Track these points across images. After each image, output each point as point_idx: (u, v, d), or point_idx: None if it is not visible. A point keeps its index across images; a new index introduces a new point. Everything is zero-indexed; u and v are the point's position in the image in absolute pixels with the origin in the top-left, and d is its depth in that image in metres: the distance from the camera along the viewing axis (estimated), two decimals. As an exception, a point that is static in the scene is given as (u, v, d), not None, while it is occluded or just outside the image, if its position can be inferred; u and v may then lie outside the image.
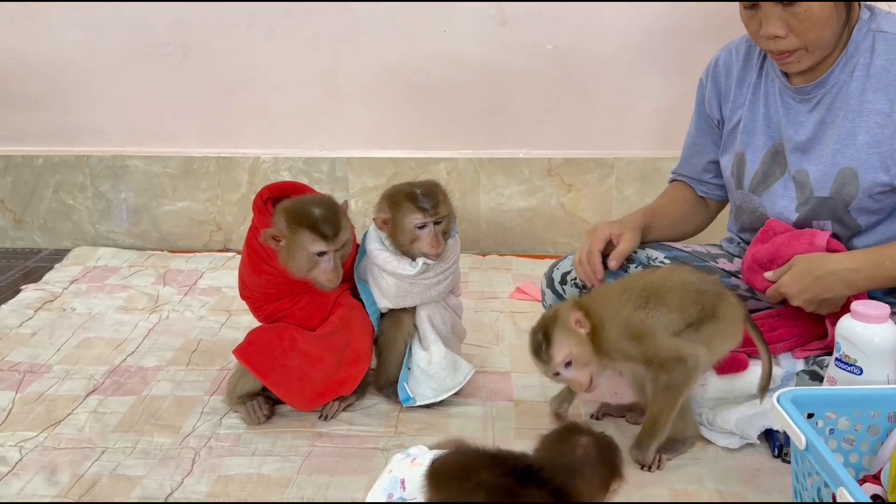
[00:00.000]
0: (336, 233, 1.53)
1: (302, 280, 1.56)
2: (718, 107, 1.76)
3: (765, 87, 1.67)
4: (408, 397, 1.63)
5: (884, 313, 1.35)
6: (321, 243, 1.52)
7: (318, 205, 1.55)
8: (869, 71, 1.54)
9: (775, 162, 1.66)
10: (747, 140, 1.70)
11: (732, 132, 1.73)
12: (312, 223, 1.51)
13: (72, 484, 1.43)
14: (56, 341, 1.99)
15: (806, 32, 1.48)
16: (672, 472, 1.43)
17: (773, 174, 1.66)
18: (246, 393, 1.62)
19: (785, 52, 1.52)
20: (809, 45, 1.50)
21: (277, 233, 1.52)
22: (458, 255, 1.67)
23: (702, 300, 1.43)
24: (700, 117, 1.81)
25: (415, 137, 2.61)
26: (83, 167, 2.69)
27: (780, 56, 1.54)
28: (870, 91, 1.54)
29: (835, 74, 1.56)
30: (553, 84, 2.52)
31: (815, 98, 1.59)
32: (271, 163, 2.64)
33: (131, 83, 2.62)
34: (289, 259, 1.53)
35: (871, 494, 1.23)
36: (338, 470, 1.46)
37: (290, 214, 1.53)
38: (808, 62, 1.54)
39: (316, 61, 2.55)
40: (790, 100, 1.63)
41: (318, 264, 1.53)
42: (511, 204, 2.61)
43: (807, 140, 1.60)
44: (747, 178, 1.70)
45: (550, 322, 1.43)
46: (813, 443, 1.14)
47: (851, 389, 1.32)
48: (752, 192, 1.69)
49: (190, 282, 2.38)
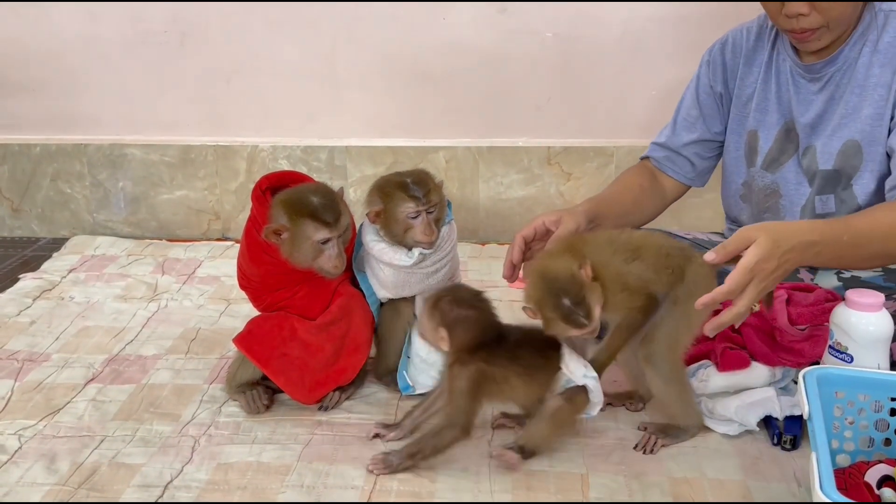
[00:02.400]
0: (337, 218, 1.53)
1: (303, 270, 1.56)
2: (724, 81, 1.77)
3: (776, 65, 1.69)
4: (407, 386, 1.63)
5: (877, 301, 1.35)
6: (324, 230, 1.51)
7: (315, 193, 1.54)
8: (877, 46, 1.56)
9: (788, 139, 1.68)
10: (760, 118, 1.71)
11: (743, 109, 1.75)
12: (313, 212, 1.51)
13: (71, 472, 1.43)
14: (55, 330, 1.99)
15: (829, 9, 1.50)
16: (671, 459, 1.43)
17: (787, 151, 1.68)
18: (245, 381, 1.62)
19: (808, 30, 1.53)
20: (831, 23, 1.52)
21: (279, 227, 1.51)
22: (454, 242, 1.66)
23: (671, 264, 1.42)
24: (701, 91, 1.81)
25: (414, 126, 2.61)
26: (81, 155, 2.68)
27: (803, 34, 1.55)
28: (876, 65, 1.56)
29: (845, 52, 1.59)
30: (552, 72, 2.51)
31: (825, 76, 1.61)
32: (269, 151, 2.64)
33: (129, 71, 2.61)
34: (293, 250, 1.52)
35: (882, 475, 1.24)
36: (337, 458, 1.46)
37: (290, 206, 1.52)
38: (828, 39, 1.56)
39: (314, 49, 2.54)
40: (801, 79, 1.65)
41: (323, 252, 1.53)
42: (510, 192, 2.61)
43: (816, 117, 1.63)
44: (760, 154, 1.72)
45: (567, 282, 1.35)
46: (812, 413, 1.17)
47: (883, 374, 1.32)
48: (765, 168, 1.71)
49: (188, 270, 2.37)
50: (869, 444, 1.31)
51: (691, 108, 1.83)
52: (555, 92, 2.53)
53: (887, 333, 1.36)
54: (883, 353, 1.36)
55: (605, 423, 1.55)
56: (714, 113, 1.81)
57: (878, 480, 1.24)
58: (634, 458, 1.44)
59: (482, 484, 1.38)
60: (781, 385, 1.54)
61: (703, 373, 1.55)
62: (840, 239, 1.38)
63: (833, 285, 1.66)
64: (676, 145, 1.84)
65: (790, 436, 1.44)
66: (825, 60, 1.61)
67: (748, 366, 1.53)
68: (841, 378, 1.30)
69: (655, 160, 1.87)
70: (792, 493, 1.34)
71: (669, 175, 1.86)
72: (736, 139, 1.78)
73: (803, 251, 1.34)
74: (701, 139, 1.82)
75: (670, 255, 1.43)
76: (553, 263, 1.38)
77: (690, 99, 1.83)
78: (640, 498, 1.34)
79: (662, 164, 1.86)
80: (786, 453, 1.44)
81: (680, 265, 1.42)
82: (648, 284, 1.40)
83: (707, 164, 1.87)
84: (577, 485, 1.37)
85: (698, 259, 1.42)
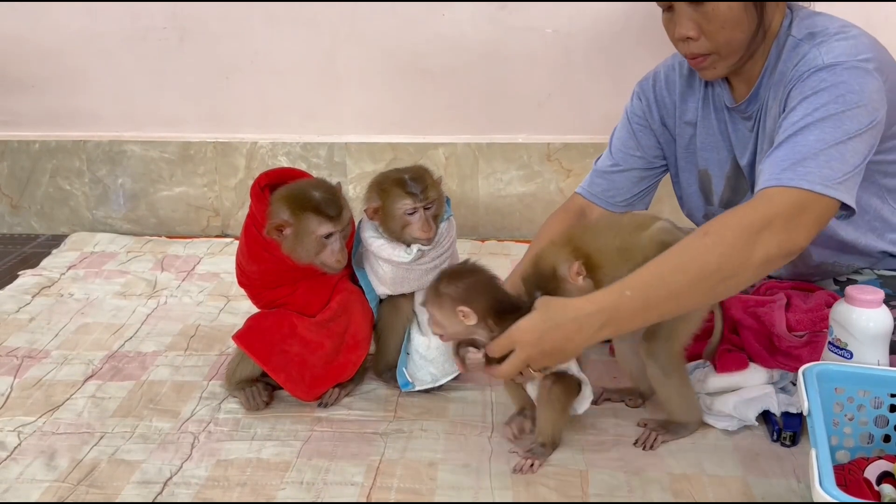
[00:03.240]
0: (340, 212, 1.53)
1: (304, 267, 1.56)
2: (660, 119, 1.70)
3: (714, 101, 1.62)
4: (406, 382, 1.63)
5: (877, 298, 1.35)
6: (328, 224, 1.51)
7: (316, 188, 1.54)
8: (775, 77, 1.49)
9: (739, 176, 1.63)
10: (708, 156, 1.65)
11: (688, 148, 1.69)
12: (316, 206, 1.51)
13: (70, 468, 1.43)
14: (54, 327, 1.99)
15: (715, 34, 1.44)
16: (670, 456, 1.43)
17: (741, 189, 1.63)
18: (245, 378, 1.62)
19: (698, 55, 1.48)
20: (721, 49, 1.46)
21: (281, 222, 1.51)
22: (453, 239, 1.66)
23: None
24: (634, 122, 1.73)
25: (413, 122, 2.60)
26: (80, 152, 2.67)
27: (695, 60, 1.50)
28: (771, 98, 1.50)
29: (762, 87, 1.52)
30: (552, 68, 2.51)
31: (753, 114, 1.55)
32: (269, 148, 2.63)
33: (128, 68, 2.61)
34: (296, 246, 1.52)
35: (882, 472, 1.24)
36: (337, 454, 1.46)
37: (292, 201, 1.52)
38: (723, 68, 1.49)
39: (314, 45, 2.54)
40: (736, 118, 1.59)
41: (326, 247, 1.53)
42: (510, 189, 2.60)
43: (751, 156, 1.58)
44: (715, 195, 1.67)
45: (550, 282, 1.39)
46: (812, 410, 1.17)
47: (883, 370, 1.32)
48: (723, 207, 1.65)
49: (188, 267, 2.37)
50: (868, 440, 1.31)
51: (626, 139, 1.75)
52: (555, 88, 2.53)
53: (887, 330, 1.35)
54: (883, 349, 1.36)
55: (604, 420, 1.55)
56: (653, 144, 1.73)
57: (877, 477, 1.24)
58: (634, 454, 1.44)
59: (482, 480, 1.38)
60: (780, 386, 1.54)
61: (701, 372, 1.55)
62: (622, 296, 1.29)
63: (830, 289, 1.65)
64: (618, 175, 1.75)
65: (790, 432, 1.44)
66: (747, 98, 1.54)
67: (746, 367, 1.53)
68: (841, 374, 1.30)
69: (588, 195, 1.77)
70: (791, 489, 1.34)
71: (603, 207, 1.76)
72: (688, 177, 1.71)
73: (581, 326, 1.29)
74: (642, 168, 1.74)
75: (664, 243, 1.42)
76: (554, 261, 1.40)
77: (624, 129, 1.76)
78: (639, 494, 1.34)
79: (597, 197, 1.76)
80: (785, 449, 1.44)
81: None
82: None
83: (648, 189, 1.78)
84: (576, 481, 1.37)
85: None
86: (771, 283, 1.66)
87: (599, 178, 1.77)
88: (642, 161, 1.74)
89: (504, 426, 1.50)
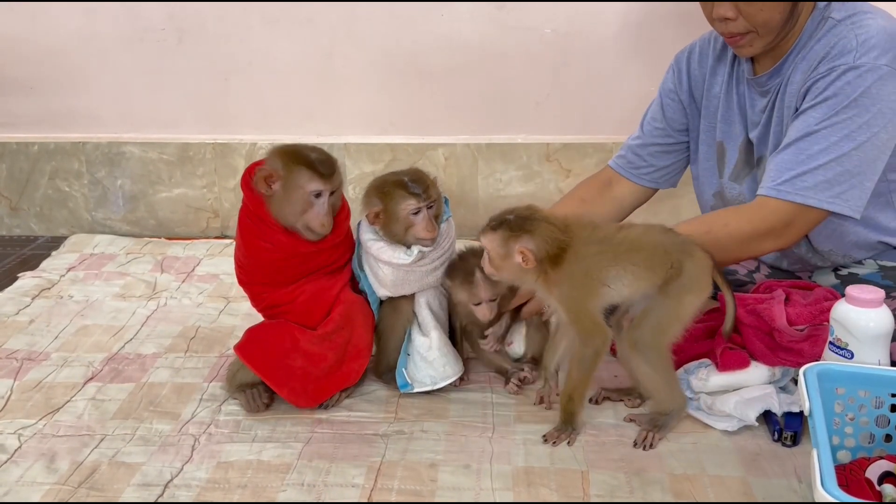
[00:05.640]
0: (333, 172, 1.53)
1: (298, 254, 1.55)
2: (689, 90, 1.77)
3: (737, 76, 1.68)
4: (405, 383, 1.63)
5: (878, 297, 1.35)
6: (318, 181, 1.51)
7: (312, 149, 1.55)
8: (808, 55, 1.53)
9: (749, 151, 1.67)
10: (726, 129, 1.71)
11: (712, 120, 1.74)
12: (310, 162, 1.51)
13: (71, 471, 1.42)
14: (54, 329, 1.98)
15: (754, 14, 1.48)
16: (672, 457, 1.43)
17: (750, 163, 1.68)
18: (246, 382, 1.61)
19: (736, 34, 1.52)
20: (759, 28, 1.50)
21: (272, 171, 1.50)
22: (453, 239, 1.66)
23: (670, 260, 1.43)
24: (665, 97, 1.81)
25: (412, 123, 2.60)
26: (79, 154, 2.67)
27: (732, 39, 1.54)
28: (798, 72, 1.54)
29: (788, 62, 1.56)
30: (551, 68, 2.50)
31: (771, 89, 1.59)
32: (268, 149, 2.61)
33: (127, 69, 2.60)
34: (283, 201, 1.52)
35: (883, 472, 1.24)
36: (338, 456, 1.46)
37: (287, 154, 1.53)
38: (760, 45, 1.54)
39: (313, 46, 2.54)
40: (754, 92, 1.64)
41: (313, 206, 1.52)
42: (509, 189, 2.60)
43: (762, 130, 1.62)
44: (727, 167, 1.71)
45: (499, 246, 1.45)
46: (813, 410, 1.18)
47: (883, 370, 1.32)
48: (732, 180, 1.70)
49: (187, 269, 2.37)
50: (870, 440, 1.31)
51: (655, 113, 1.84)
52: (553, 88, 2.53)
53: (888, 329, 1.35)
54: (883, 349, 1.36)
55: (605, 420, 1.55)
56: (678, 117, 1.80)
57: (878, 477, 1.25)
58: (634, 454, 1.44)
59: (483, 481, 1.38)
60: (781, 385, 1.54)
61: (703, 371, 1.55)
62: None
63: (831, 283, 1.66)
64: (642, 148, 1.85)
65: (791, 432, 1.44)
66: (769, 72, 1.58)
67: (748, 366, 1.53)
68: (841, 374, 1.30)
69: (616, 166, 1.89)
70: (793, 489, 1.34)
71: (630, 180, 1.86)
72: (706, 149, 1.77)
73: None
74: (665, 143, 1.83)
75: (669, 252, 1.44)
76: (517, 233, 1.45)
77: (655, 104, 1.85)
78: (640, 495, 1.34)
79: (624, 169, 1.87)
80: (786, 450, 1.44)
81: (680, 260, 1.43)
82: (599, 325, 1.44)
83: (673, 167, 1.86)
84: (577, 481, 1.37)
85: (698, 254, 1.44)
86: (770, 283, 1.66)
87: (627, 152, 1.87)
88: (664, 134, 1.81)
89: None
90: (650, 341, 1.44)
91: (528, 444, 1.48)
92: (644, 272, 1.43)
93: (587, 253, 1.44)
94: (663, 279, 1.43)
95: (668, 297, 1.43)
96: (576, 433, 1.48)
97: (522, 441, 1.49)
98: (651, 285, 1.43)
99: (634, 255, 1.43)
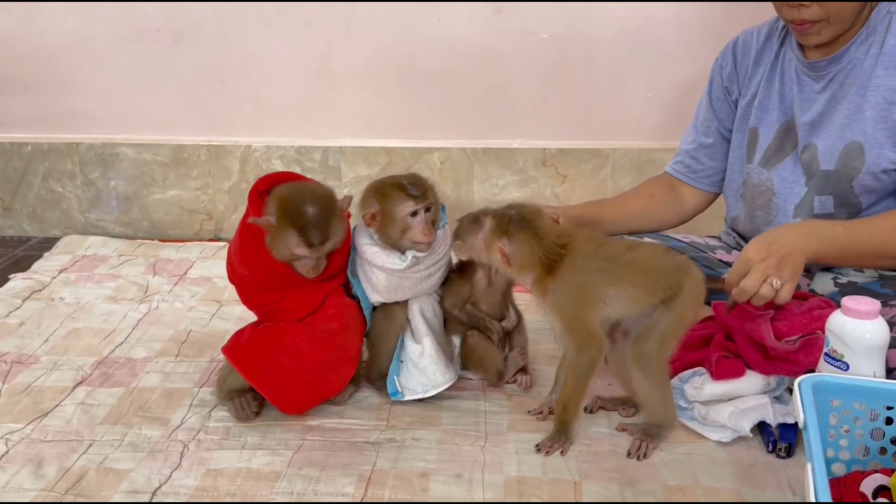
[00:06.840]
0: (323, 241, 1.48)
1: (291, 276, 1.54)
2: (737, 83, 1.78)
3: (782, 63, 1.70)
4: (396, 391, 1.61)
5: (873, 309, 1.34)
6: (304, 249, 1.48)
7: (314, 203, 1.48)
8: (882, 48, 1.56)
9: (787, 137, 1.68)
10: (761, 115, 1.72)
11: (746, 108, 1.75)
12: (301, 227, 1.46)
13: (58, 477, 1.41)
14: (44, 331, 1.97)
15: (830, 3, 1.51)
16: (665, 467, 1.42)
17: (785, 149, 1.69)
18: (235, 388, 1.60)
19: (807, 21, 1.54)
20: (832, 17, 1.53)
21: (266, 222, 1.48)
22: (448, 246, 1.65)
23: (671, 281, 1.43)
24: (714, 96, 1.82)
25: (408, 126, 2.59)
26: (72, 154, 2.66)
27: (802, 26, 1.56)
28: (880, 67, 1.56)
29: (850, 52, 1.59)
30: (548, 73, 2.50)
31: (829, 74, 1.62)
32: (263, 151, 2.62)
33: (122, 70, 2.59)
34: (273, 247, 1.51)
35: (878, 485, 1.23)
36: (328, 464, 1.44)
37: (283, 208, 1.48)
38: (828, 34, 1.56)
39: (309, 48, 2.53)
40: (805, 77, 1.65)
41: (300, 260, 1.51)
42: (505, 194, 2.59)
43: (817, 116, 1.63)
44: (759, 151, 1.72)
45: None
46: (807, 422, 1.16)
47: (879, 382, 1.31)
48: (762, 165, 1.71)
49: (180, 271, 2.35)
50: (864, 453, 1.30)
51: (707, 114, 1.84)
52: (550, 93, 2.52)
53: (883, 341, 1.34)
54: (879, 361, 1.35)
55: (598, 430, 1.53)
56: (729, 116, 1.82)
57: (873, 490, 1.23)
58: (628, 465, 1.43)
59: (475, 491, 1.36)
60: (776, 394, 1.53)
61: (698, 380, 1.54)
62: (835, 229, 1.49)
63: (829, 290, 1.65)
64: (697, 151, 1.86)
65: (785, 443, 1.43)
66: (829, 58, 1.61)
67: (743, 374, 1.52)
68: (836, 386, 1.29)
69: (674, 172, 1.89)
70: (786, 501, 1.33)
71: (690, 185, 1.87)
72: (740, 137, 1.79)
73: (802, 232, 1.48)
74: (718, 143, 1.83)
75: (670, 274, 1.44)
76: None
77: (705, 104, 1.85)
78: (633, 506, 1.33)
79: (682, 174, 1.88)
80: (780, 461, 1.43)
81: (679, 281, 1.43)
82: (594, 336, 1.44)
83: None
84: (570, 492, 1.36)
85: (694, 274, 1.45)
86: None
87: (684, 156, 1.88)
88: (717, 133, 1.82)
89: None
90: (655, 355, 1.44)
91: (521, 453, 1.46)
92: (643, 294, 1.43)
93: (587, 266, 1.44)
94: (661, 300, 1.43)
95: (670, 312, 1.43)
96: (569, 442, 1.47)
97: (515, 450, 1.47)
98: (648, 306, 1.44)
99: (638, 277, 1.43)
